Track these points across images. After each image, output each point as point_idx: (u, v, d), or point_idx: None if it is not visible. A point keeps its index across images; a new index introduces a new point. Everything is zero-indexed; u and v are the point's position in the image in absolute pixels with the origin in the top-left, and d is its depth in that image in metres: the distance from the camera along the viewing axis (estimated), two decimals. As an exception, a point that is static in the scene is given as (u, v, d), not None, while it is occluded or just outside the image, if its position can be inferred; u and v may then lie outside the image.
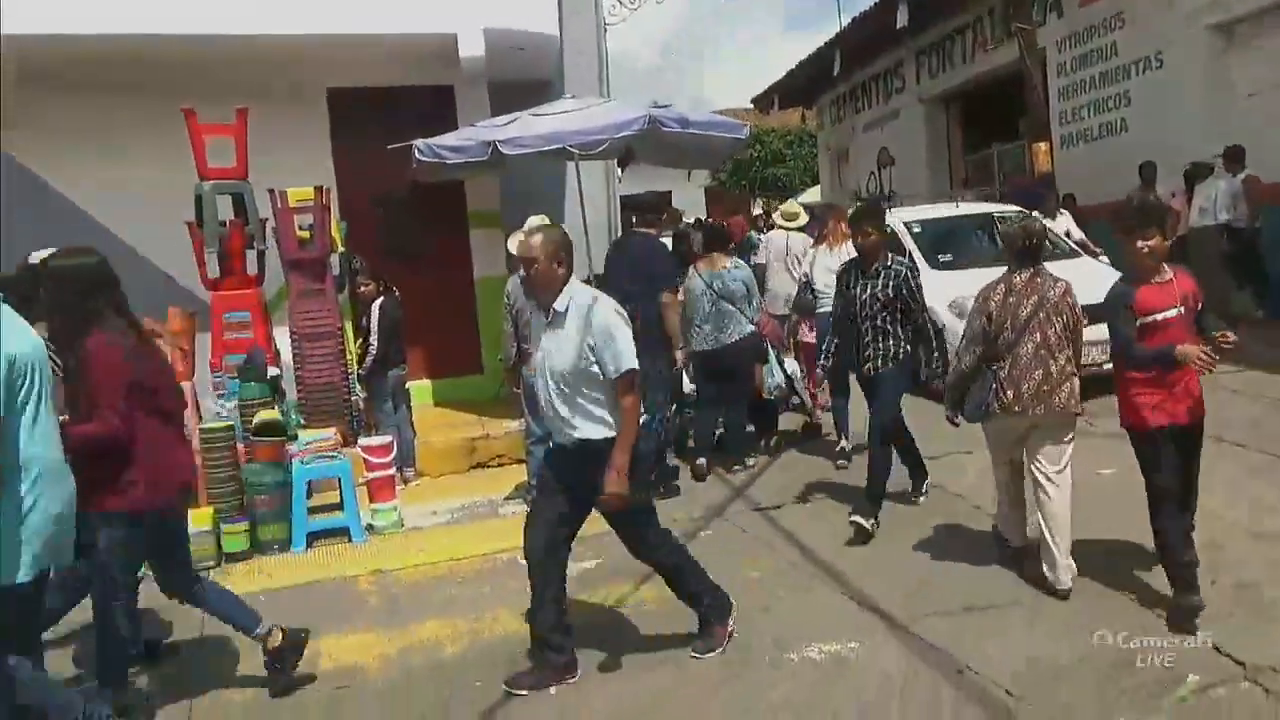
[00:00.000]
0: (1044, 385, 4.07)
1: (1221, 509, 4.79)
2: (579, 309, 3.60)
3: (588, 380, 3.57)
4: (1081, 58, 12.59)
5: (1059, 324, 4.11)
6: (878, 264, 5.14)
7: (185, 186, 6.81)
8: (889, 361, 5.13)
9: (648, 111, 6.77)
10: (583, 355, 3.54)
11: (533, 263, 3.63)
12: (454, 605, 4.54)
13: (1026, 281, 4.17)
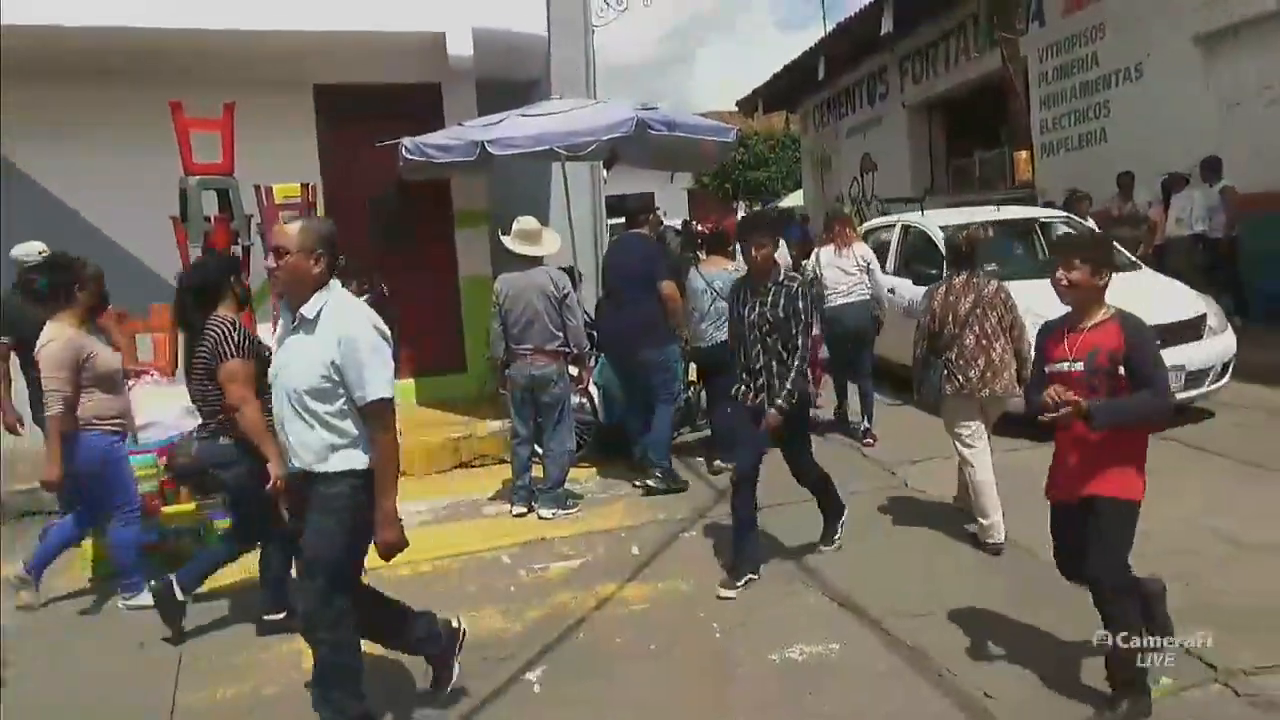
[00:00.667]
0: (987, 371, 4.76)
1: (1199, 515, 4.89)
2: (334, 315, 3.07)
3: (329, 401, 3.06)
4: (1062, 67, 12.74)
5: (994, 317, 4.79)
6: (769, 280, 4.52)
7: (170, 181, 6.78)
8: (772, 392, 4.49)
9: (635, 113, 6.79)
10: (326, 371, 3.03)
11: (283, 253, 3.07)
12: (439, 603, 4.50)
13: (964, 282, 4.88)
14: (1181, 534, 4.66)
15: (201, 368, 4.09)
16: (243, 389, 3.96)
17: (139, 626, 4.49)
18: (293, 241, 3.06)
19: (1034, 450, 6.40)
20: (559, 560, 5.04)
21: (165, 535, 5.27)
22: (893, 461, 6.31)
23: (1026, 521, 4.93)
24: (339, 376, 3.03)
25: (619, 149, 8.18)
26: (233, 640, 4.27)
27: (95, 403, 4.50)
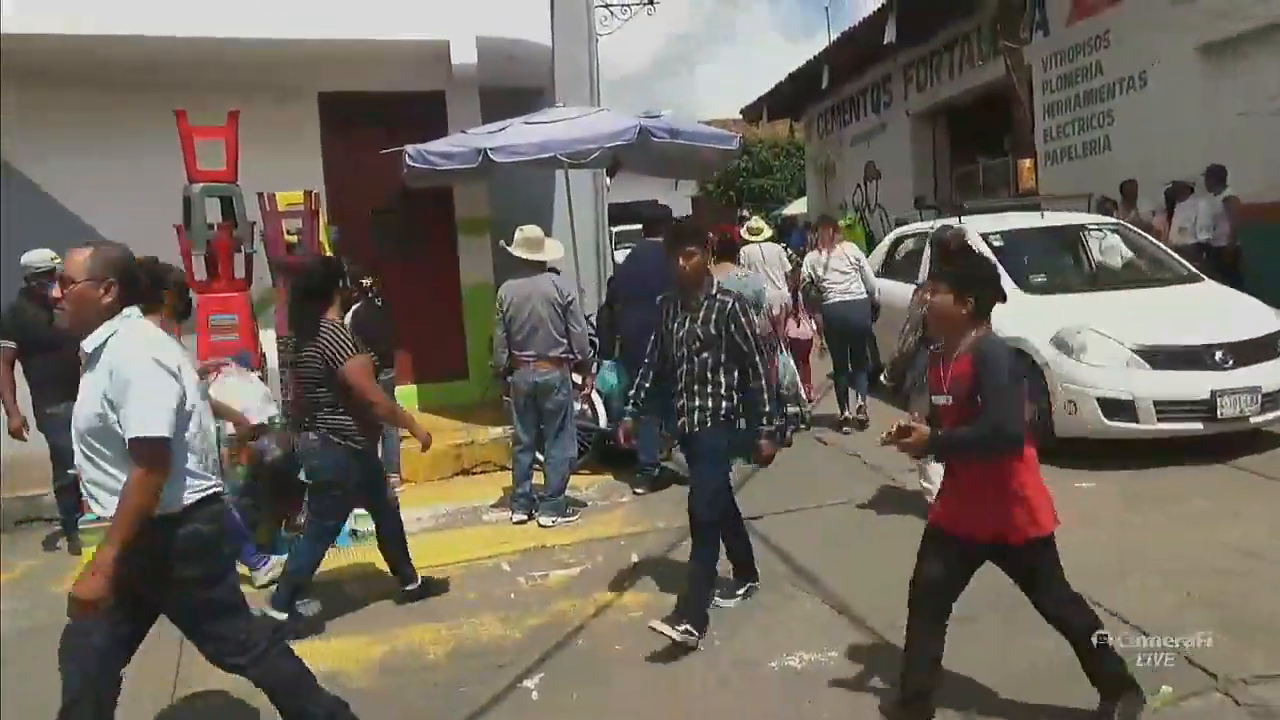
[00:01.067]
0: None
1: (1204, 522, 4.87)
2: (113, 348, 2.84)
3: (110, 443, 2.80)
4: (1067, 76, 12.74)
5: None
6: (701, 294, 4.15)
7: (174, 188, 6.81)
8: (709, 419, 4.07)
9: (638, 121, 6.82)
10: (102, 409, 2.79)
11: (68, 282, 2.86)
12: (438, 610, 4.55)
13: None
14: (1186, 540, 4.65)
15: (309, 368, 4.27)
16: (368, 383, 4.23)
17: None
18: (79, 269, 2.83)
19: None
20: (559, 568, 5.03)
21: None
22: (893, 468, 6.29)
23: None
24: (114, 414, 2.75)
25: (622, 157, 8.21)
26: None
27: None
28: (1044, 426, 6.07)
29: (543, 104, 8.42)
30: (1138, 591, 4.14)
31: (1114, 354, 6.01)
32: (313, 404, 4.32)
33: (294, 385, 4.48)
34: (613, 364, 6.93)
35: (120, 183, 7.45)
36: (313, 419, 4.33)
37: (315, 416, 4.32)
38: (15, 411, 5.64)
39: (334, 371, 4.18)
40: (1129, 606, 3.96)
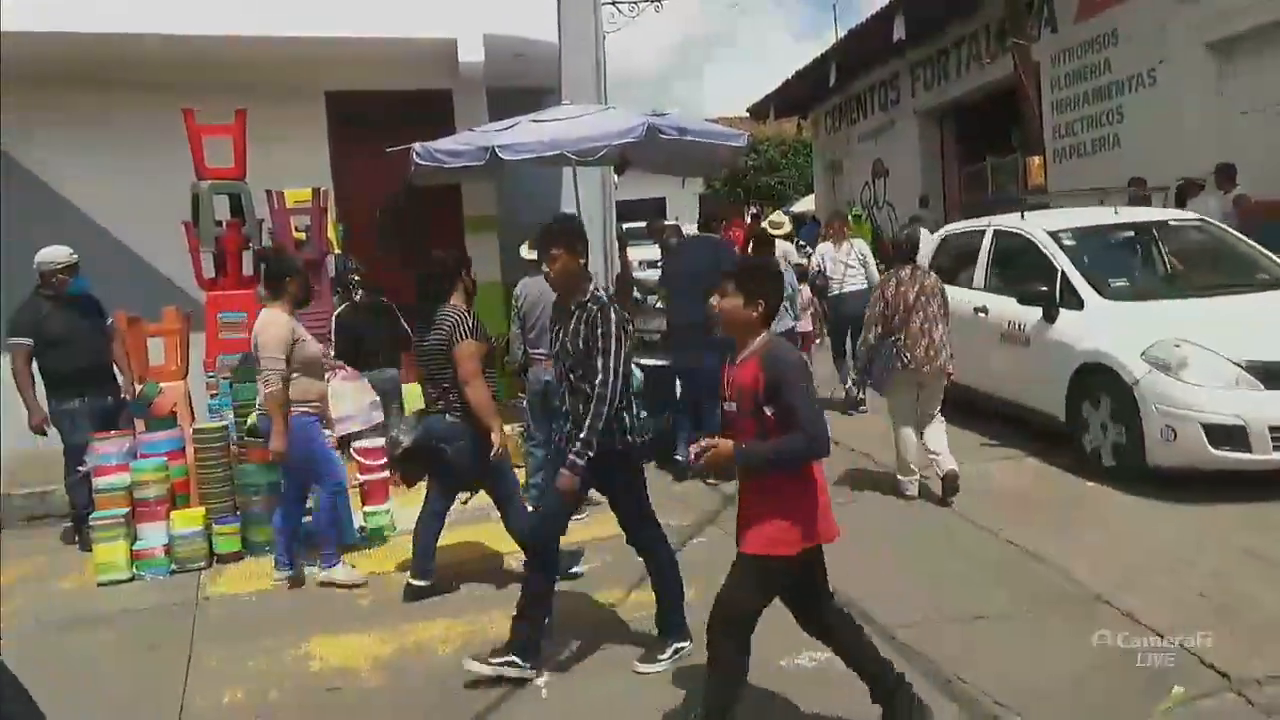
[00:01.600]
0: (930, 350, 5.52)
1: (1221, 528, 4.84)
2: None
3: None
4: (1075, 73, 12.69)
5: (935, 304, 5.60)
6: (572, 302, 3.77)
7: (183, 186, 6.82)
8: (571, 441, 3.70)
9: (646, 119, 6.79)
10: None
11: None
12: (447, 608, 4.55)
13: (910, 274, 5.69)
14: (1200, 543, 4.63)
15: (435, 351, 4.46)
16: (474, 366, 4.37)
17: (150, 628, 4.51)
18: None
19: (1028, 460, 6.38)
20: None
21: (173, 540, 5.28)
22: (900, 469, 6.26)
23: (1034, 529, 4.94)
24: None
25: (630, 154, 8.19)
26: (244, 643, 4.27)
27: (299, 386, 4.80)
28: (1134, 455, 5.45)
29: (550, 102, 8.41)
30: (1150, 592, 4.12)
31: (1220, 371, 5.25)
32: (442, 387, 4.52)
33: (419, 370, 4.72)
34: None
35: (127, 180, 7.48)
36: (446, 401, 4.52)
37: (447, 398, 4.51)
38: (36, 407, 5.68)
39: (451, 348, 4.39)
40: (1139, 607, 3.95)
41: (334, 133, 8.44)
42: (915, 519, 5.44)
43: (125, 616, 4.74)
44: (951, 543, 5.00)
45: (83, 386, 5.71)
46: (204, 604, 4.82)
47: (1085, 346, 5.87)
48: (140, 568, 5.22)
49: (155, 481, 5.32)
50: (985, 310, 6.95)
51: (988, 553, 4.79)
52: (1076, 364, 5.90)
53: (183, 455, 5.65)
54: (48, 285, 5.73)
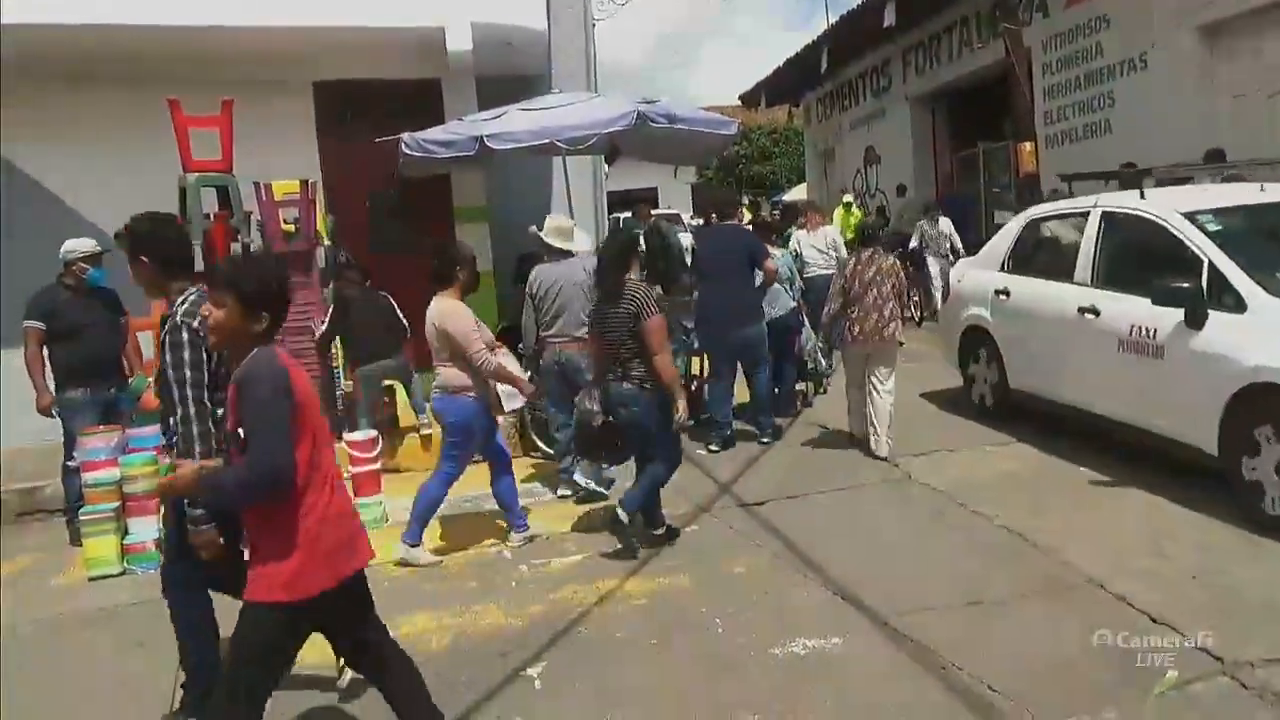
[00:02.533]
0: (877, 324, 6.17)
1: (1203, 507, 4.85)
2: None
3: None
4: (1066, 58, 12.66)
5: (889, 284, 6.22)
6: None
7: (169, 178, 6.77)
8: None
9: (635, 107, 6.77)
10: None
11: None
12: (439, 599, 4.53)
13: (869, 256, 6.37)
14: (1194, 527, 4.63)
15: (619, 323, 4.80)
16: (662, 339, 4.81)
17: (140, 624, 4.49)
18: None
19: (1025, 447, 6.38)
20: (561, 555, 5.02)
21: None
22: (896, 454, 6.27)
23: (1029, 516, 4.94)
24: None
25: (620, 143, 8.17)
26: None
27: (463, 371, 4.93)
28: None
29: (540, 91, 8.36)
30: (1143, 576, 4.12)
31: None
32: (623, 356, 4.85)
33: (597, 342, 5.04)
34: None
35: (114, 173, 7.41)
36: (625, 370, 4.84)
37: (626, 368, 4.84)
38: (44, 389, 5.70)
39: (639, 326, 4.71)
40: (1134, 591, 3.95)
41: (322, 123, 8.38)
42: (908, 503, 5.44)
43: (115, 612, 4.72)
44: (947, 528, 4.99)
45: (88, 378, 5.73)
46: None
47: (1251, 361, 4.56)
48: (131, 562, 5.19)
49: (145, 476, 5.28)
50: (1094, 312, 5.72)
51: (986, 538, 4.79)
52: (1237, 385, 4.61)
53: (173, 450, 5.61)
54: (69, 274, 5.78)
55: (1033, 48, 12.75)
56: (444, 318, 4.87)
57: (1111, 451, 5.74)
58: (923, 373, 8.20)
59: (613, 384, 4.87)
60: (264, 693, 2.65)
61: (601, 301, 4.95)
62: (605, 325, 4.88)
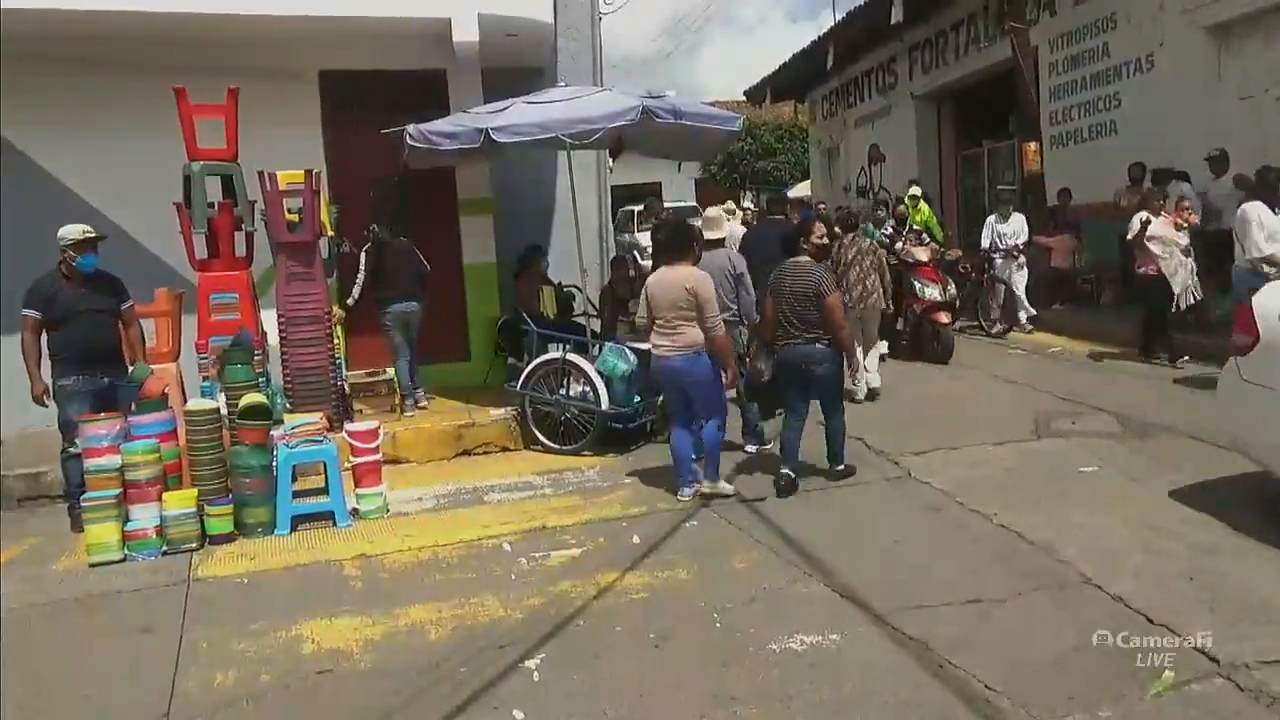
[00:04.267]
0: (862, 294, 7.79)
1: (1198, 504, 4.86)
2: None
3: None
4: (1073, 58, 12.63)
5: (868, 261, 7.85)
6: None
7: (175, 167, 6.77)
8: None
9: (641, 102, 6.75)
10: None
11: None
12: (439, 590, 4.55)
13: (851, 240, 8.02)
14: (1191, 529, 4.64)
15: (802, 296, 5.59)
16: (842, 312, 5.72)
17: (142, 610, 4.51)
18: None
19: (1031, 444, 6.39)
20: (560, 549, 5.03)
21: (165, 521, 5.27)
22: (895, 452, 6.28)
23: (1034, 515, 4.95)
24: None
25: (625, 137, 8.16)
26: (235, 625, 4.27)
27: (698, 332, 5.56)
28: None
29: (545, 84, 8.35)
30: (1139, 575, 4.13)
31: None
32: (809, 321, 5.61)
33: (777, 306, 5.72)
34: (615, 347, 6.91)
35: (119, 161, 7.42)
36: (814, 334, 5.61)
37: (813, 332, 5.61)
38: (38, 378, 5.68)
39: (822, 298, 5.54)
40: (1130, 591, 3.96)
41: (328, 113, 8.36)
42: (907, 501, 5.45)
43: (117, 598, 4.73)
44: (945, 526, 5.00)
45: (82, 365, 5.70)
46: (195, 585, 4.81)
47: None
48: (132, 549, 5.20)
49: (147, 463, 5.29)
50: None
51: (984, 536, 4.80)
52: None
53: (174, 437, 5.63)
54: (63, 261, 5.73)
55: (1039, 47, 12.74)
56: (695, 281, 5.50)
57: (1110, 449, 5.75)
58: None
59: (801, 346, 5.65)
60: None
61: (782, 272, 5.76)
62: (793, 292, 5.65)
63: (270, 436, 5.67)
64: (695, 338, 5.48)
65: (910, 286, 9.46)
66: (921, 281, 9.48)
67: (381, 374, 7.76)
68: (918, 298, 9.47)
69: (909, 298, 9.50)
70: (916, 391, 8.27)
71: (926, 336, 9.45)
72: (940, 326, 9.31)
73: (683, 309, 5.45)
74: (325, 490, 5.76)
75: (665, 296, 5.49)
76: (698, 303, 5.43)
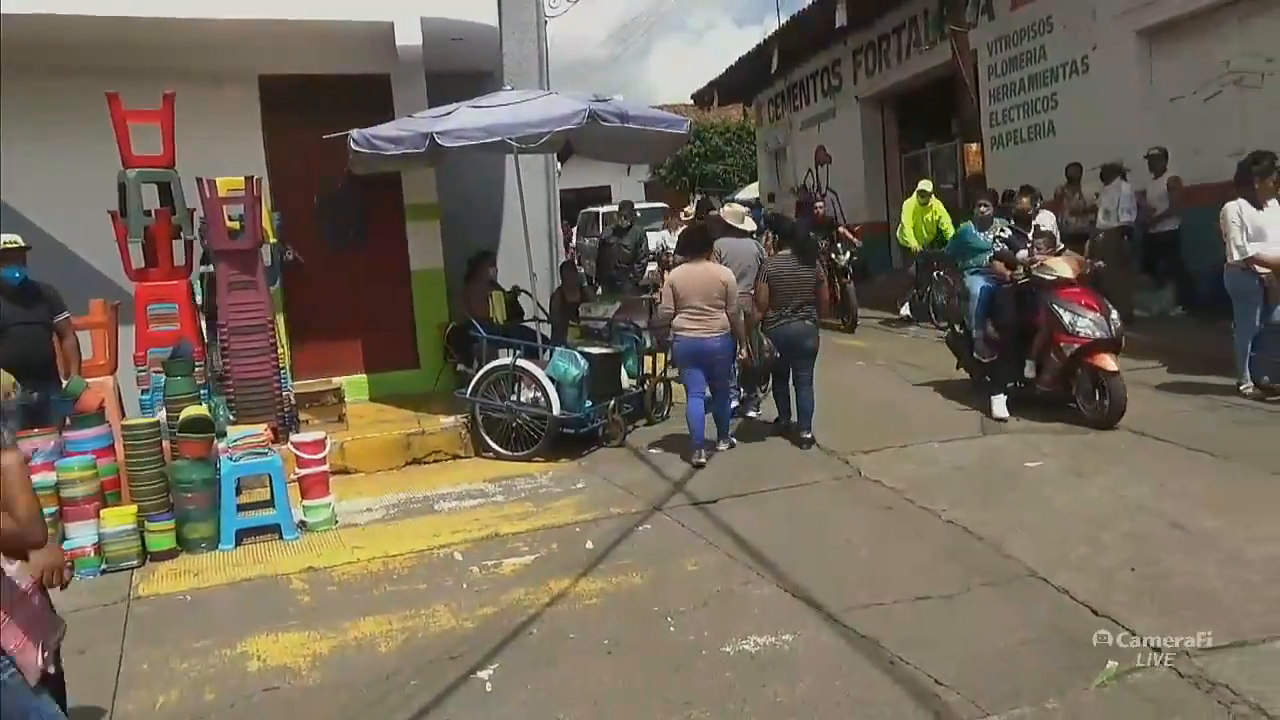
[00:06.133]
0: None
1: (1146, 501, 4.97)
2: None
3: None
4: (1011, 60, 12.89)
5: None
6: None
7: (109, 174, 6.59)
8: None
9: (588, 105, 6.73)
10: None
11: None
12: (389, 602, 4.48)
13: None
14: (1129, 519, 4.76)
15: (807, 278, 6.66)
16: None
17: (78, 631, 4.35)
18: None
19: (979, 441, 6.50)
20: (512, 556, 4.98)
21: (103, 539, 5.12)
22: (845, 451, 6.34)
23: (982, 511, 5.02)
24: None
25: (573, 141, 8.14)
26: (178, 644, 4.15)
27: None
28: None
29: (491, 87, 8.28)
30: (1082, 568, 4.21)
31: None
32: (805, 301, 6.61)
33: (777, 290, 6.58)
34: (565, 352, 6.89)
35: (51, 168, 7.20)
36: (806, 312, 6.61)
37: (805, 309, 6.60)
38: None
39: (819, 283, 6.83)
40: (1073, 582, 4.04)
41: (268, 118, 8.20)
42: (858, 500, 5.50)
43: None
44: (895, 524, 5.05)
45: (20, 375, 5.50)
46: (136, 604, 4.68)
47: None
48: (69, 569, 5.04)
49: (83, 480, 5.13)
50: None
51: (934, 532, 4.86)
52: None
53: (112, 452, 5.47)
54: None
55: (979, 50, 12.99)
56: (726, 274, 6.42)
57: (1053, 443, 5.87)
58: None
59: (795, 322, 6.55)
60: None
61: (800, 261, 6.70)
62: (797, 278, 6.61)
63: (213, 449, 5.54)
64: (724, 322, 6.33)
65: (1052, 315, 6.59)
66: (1069, 308, 6.53)
67: (328, 384, 7.64)
68: (1066, 332, 6.50)
69: (1051, 331, 6.62)
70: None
71: (1084, 389, 6.56)
72: (1106, 375, 6.38)
73: (715, 298, 6.29)
74: (271, 503, 5.65)
75: (696, 288, 6.31)
76: (727, 293, 6.30)
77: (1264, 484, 5.17)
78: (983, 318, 7.38)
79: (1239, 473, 5.39)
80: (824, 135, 18.51)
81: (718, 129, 29.18)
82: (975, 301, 7.44)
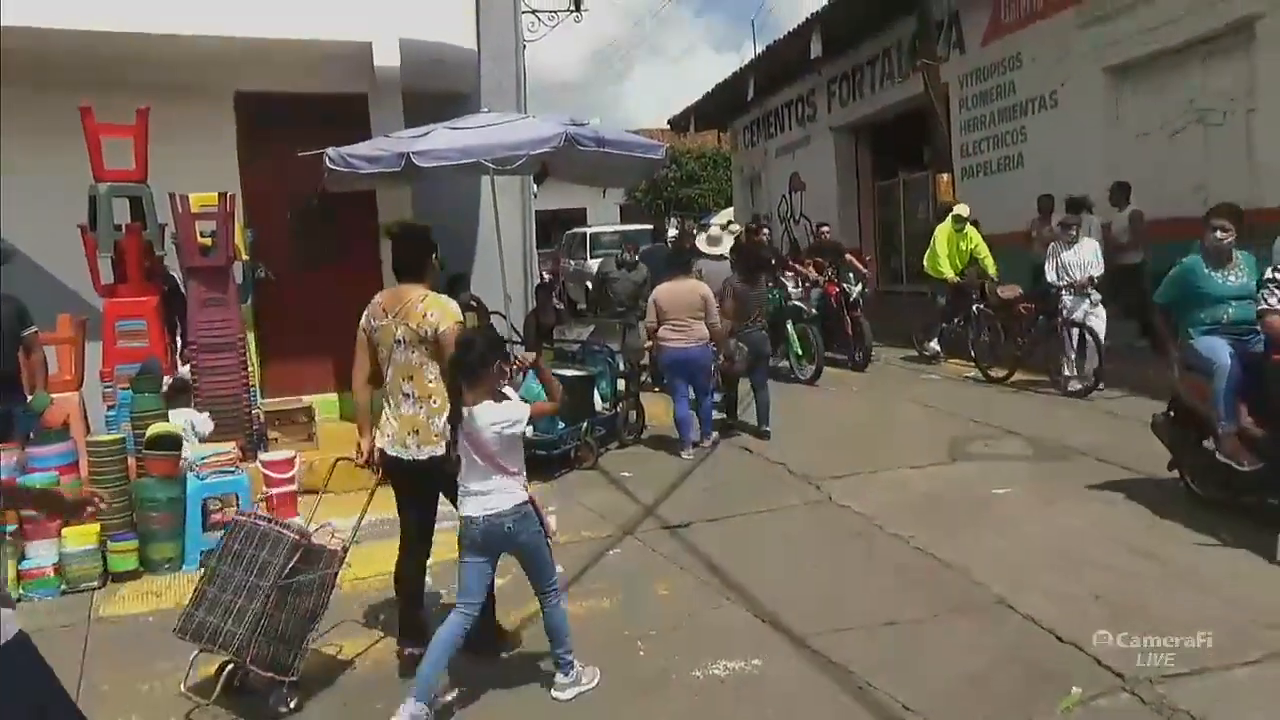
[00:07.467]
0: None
1: (1106, 526, 5.04)
2: None
3: None
4: (982, 94, 13.14)
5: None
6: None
7: (80, 188, 6.53)
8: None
9: (564, 128, 6.77)
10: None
11: None
12: (351, 629, 4.43)
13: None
14: (1088, 544, 4.81)
15: (758, 296, 7.80)
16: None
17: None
18: None
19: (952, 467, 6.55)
20: (482, 579, 4.93)
21: (64, 558, 5.02)
22: (817, 476, 6.37)
23: (950, 538, 5.06)
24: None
25: (549, 164, 8.16)
26: (139, 666, 4.08)
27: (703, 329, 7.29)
28: None
29: (468, 109, 8.31)
30: (1046, 594, 4.25)
31: None
32: (760, 314, 7.70)
33: (740, 304, 7.48)
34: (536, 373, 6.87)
35: (20, 181, 7.10)
36: (761, 323, 7.70)
37: (759, 320, 7.66)
38: None
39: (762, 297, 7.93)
40: (1039, 609, 4.07)
41: (243, 135, 8.17)
42: (828, 525, 5.52)
43: (10, 640, 4.48)
44: (865, 550, 5.08)
45: None
46: (96, 626, 4.59)
47: None
48: (28, 589, 4.93)
49: (46, 497, 5.04)
50: None
51: (902, 559, 4.88)
52: None
53: (76, 469, 5.38)
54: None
55: (950, 83, 13.23)
56: (705, 289, 7.22)
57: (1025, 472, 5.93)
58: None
59: (750, 331, 7.49)
60: None
61: (748, 283, 7.69)
62: (750, 295, 7.62)
63: (179, 468, 5.47)
64: (704, 332, 7.14)
65: None
66: None
67: (298, 402, 7.56)
68: None
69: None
70: None
71: None
72: None
73: (697, 311, 7.11)
74: (237, 522, 5.56)
75: (679, 303, 7.16)
76: (706, 306, 7.11)
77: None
78: (1234, 405, 4.93)
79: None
80: (798, 163, 18.74)
81: (694, 154, 29.43)
82: (1222, 378, 4.92)
